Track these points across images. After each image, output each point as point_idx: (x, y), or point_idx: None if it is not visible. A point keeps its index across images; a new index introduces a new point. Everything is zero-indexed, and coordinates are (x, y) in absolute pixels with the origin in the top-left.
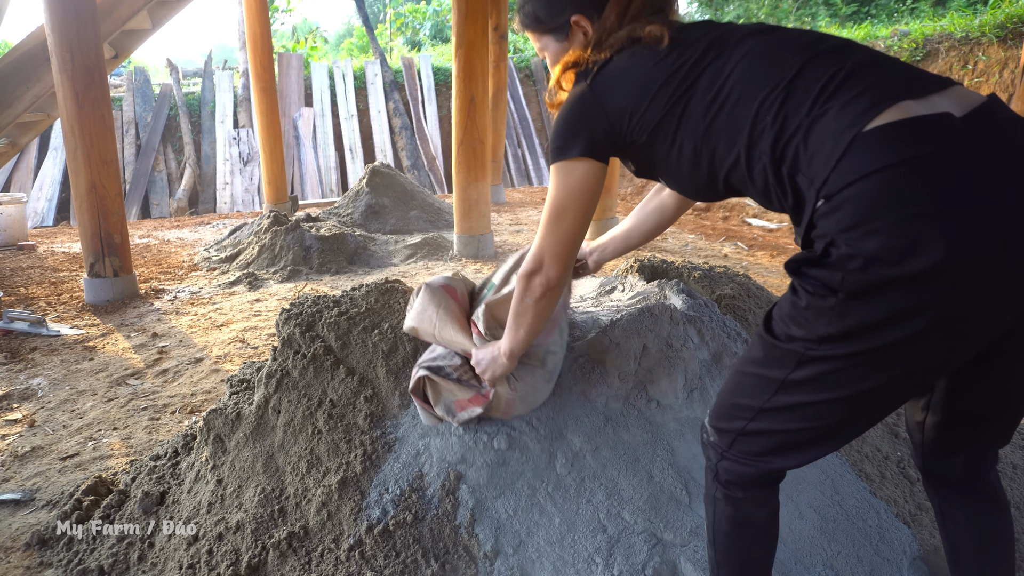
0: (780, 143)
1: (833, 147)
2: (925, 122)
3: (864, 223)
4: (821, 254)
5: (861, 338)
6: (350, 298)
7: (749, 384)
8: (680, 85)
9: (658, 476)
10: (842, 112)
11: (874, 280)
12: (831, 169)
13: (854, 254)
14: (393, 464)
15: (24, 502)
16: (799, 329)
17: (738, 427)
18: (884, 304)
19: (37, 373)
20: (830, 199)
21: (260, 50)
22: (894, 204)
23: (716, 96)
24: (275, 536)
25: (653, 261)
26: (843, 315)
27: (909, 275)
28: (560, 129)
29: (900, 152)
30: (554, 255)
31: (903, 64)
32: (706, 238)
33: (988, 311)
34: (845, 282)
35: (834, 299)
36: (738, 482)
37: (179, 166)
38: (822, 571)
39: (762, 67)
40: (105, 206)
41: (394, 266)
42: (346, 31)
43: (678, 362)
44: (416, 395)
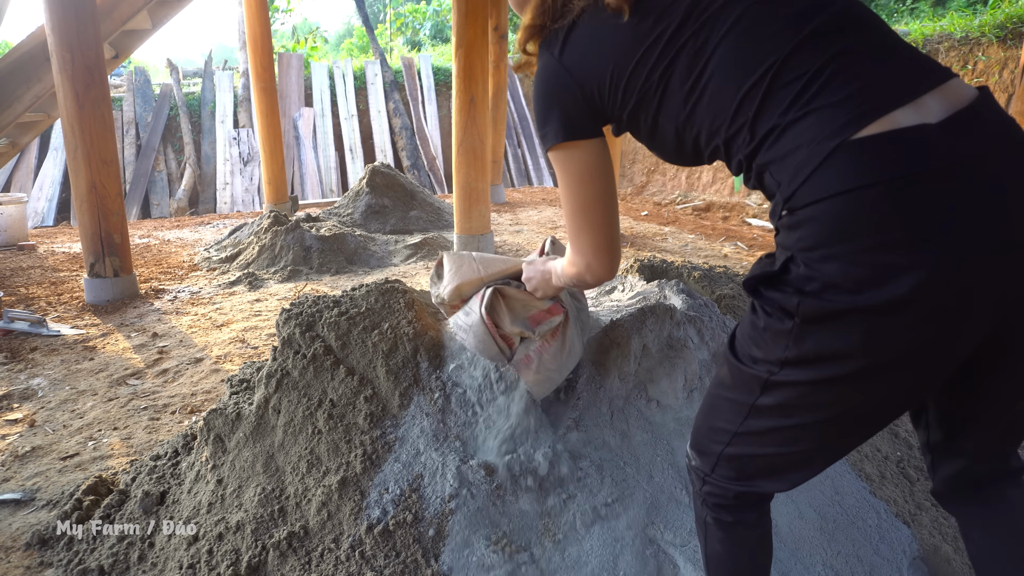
0: (755, 139)
1: (805, 159)
2: (895, 139)
3: (824, 246)
4: (780, 269)
5: (821, 365)
6: (350, 298)
7: (722, 407)
8: (657, 64)
9: (658, 476)
10: (821, 119)
11: (830, 307)
12: (799, 183)
13: (812, 276)
14: (393, 464)
15: (24, 502)
16: (759, 351)
17: (717, 451)
18: (842, 332)
19: (37, 373)
20: (793, 213)
21: (260, 50)
22: (857, 230)
23: (697, 81)
24: (275, 536)
25: (653, 261)
26: (800, 340)
27: (868, 306)
28: (539, 111)
29: (868, 174)
30: (596, 249)
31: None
32: (706, 238)
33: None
34: (801, 307)
35: (791, 323)
36: (725, 505)
37: (179, 166)
38: (822, 571)
39: (747, 48)
40: (105, 206)
41: (394, 266)
42: (346, 31)
43: (678, 362)
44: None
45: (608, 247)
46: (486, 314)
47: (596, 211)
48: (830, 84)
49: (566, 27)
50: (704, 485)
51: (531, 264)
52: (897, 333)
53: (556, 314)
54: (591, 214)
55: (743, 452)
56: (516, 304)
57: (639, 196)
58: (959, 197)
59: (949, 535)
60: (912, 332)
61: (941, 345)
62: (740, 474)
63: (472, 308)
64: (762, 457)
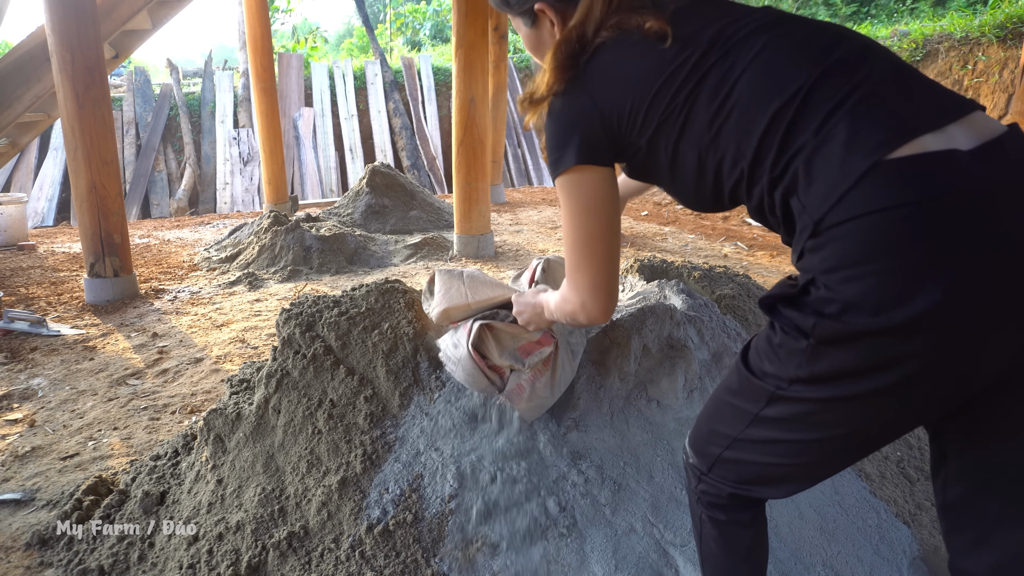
0: (782, 161)
1: (837, 180)
2: (928, 162)
3: (847, 267)
4: (800, 291)
5: (832, 384)
6: (350, 298)
7: (726, 412)
8: (683, 87)
9: (658, 476)
10: (853, 141)
11: (847, 329)
12: (832, 204)
13: (832, 298)
14: (393, 464)
15: (24, 502)
16: (771, 366)
17: (715, 453)
18: (856, 354)
19: (37, 373)
20: (818, 235)
21: (260, 50)
22: (880, 251)
23: (724, 103)
24: (275, 536)
25: (653, 261)
26: (814, 360)
27: (884, 327)
28: (552, 134)
29: (895, 196)
30: (593, 287)
31: (923, 80)
32: (706, 238)
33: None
34: (817, 328)
35: (806, 342)
36: (720, 505)
37: (179, 166)
38: (822, 571)
39: (775, 73)
40: (105, 206)
41: (394, 266)
42: (346, 31)
43: (678, 362)
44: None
45: (606, 287)
46: (473, 350)
47: (599, 245)
48: (859, 108)
49: (589, 53)
50: (699, 483)
51: (522, 297)
52: (909, 355)
53: (546, 344)
54: (594, 247)
55: (741, 458)
56: (505, 336)
57: (639, 196)
58: (987, 223)
59: None
60: (924, 354)
61: (952, 369)
62: (737, 478)
63: (460, 341)
64: (759, 465)
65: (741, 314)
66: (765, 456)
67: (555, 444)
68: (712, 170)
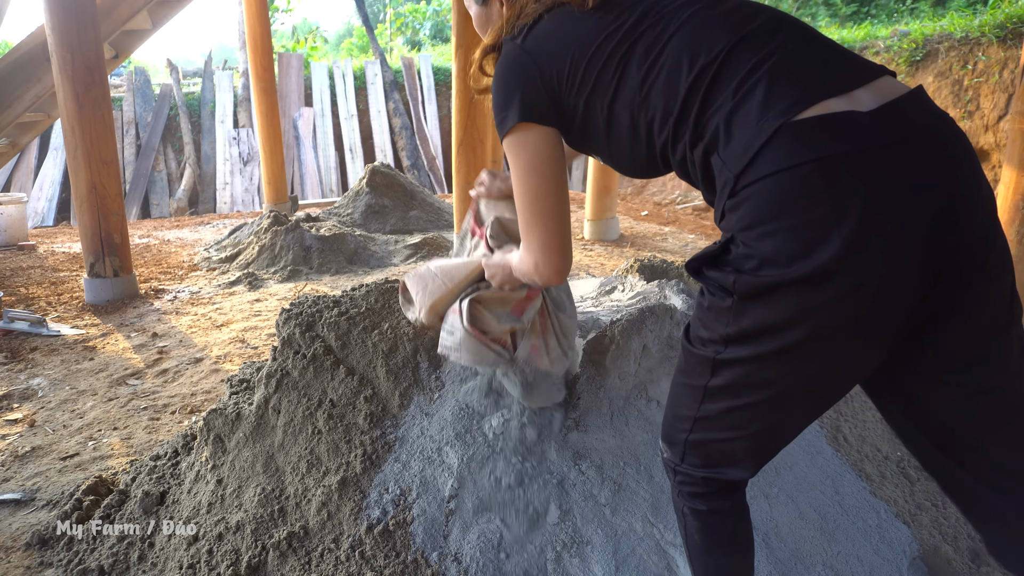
0: (703, 118)
1: (751, 138)
2: (830, 122)
3: (761, 223)
4: (720, 250)
5: (760, 340)
6: (350, 298)
7: (681, 394)
8: (616, 50)
9: (658, 476)
10: (767, 101)
11: (765, 282)
12: (745, 164)
13: (750, 254)
14: (393, 464)
15: (24, 502)
16: (706, 331)
17: (682, 439)
18: (776, 305)
19: (37, 373)
20: (735, 195)
21: (260, 50)
22: (791, 207)
23: (654, 65)
24: (275, 536)
25: (653, 261)
26: (739, 316)
27: (797, 278)
28: (497, 96)
29: (802, 154)
30: (544, 247)
31: (836, 49)
32: (706, 238)
33: (886, 311)
34: (738, 284)
35: (730, 300)
36: (698, 494)
37: (179, 166)
38: (822, 571)
39: (700, 38)
40: (105, 206)
41: (394, 266)
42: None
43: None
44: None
45: (557, 246)
46: (470, 326)
47: (546, 203)
48: (774, 71)
49: (529, 23)
50: (676, 475)
51: (491, 261)
52: (826, 302)
53: (535, 297)
54: (541, 207)
55: (704, 438)
56: (495, 303)
57: (639, 196)
58: (883, 176)
59: (949, 535)
60: (841, 301)
61: (871, 314)
62: (705, 461)
63: (454, 326)
64: (722, 442)
65: None
66: (723, 431)
67: (555, 444)
68: (644, 130)
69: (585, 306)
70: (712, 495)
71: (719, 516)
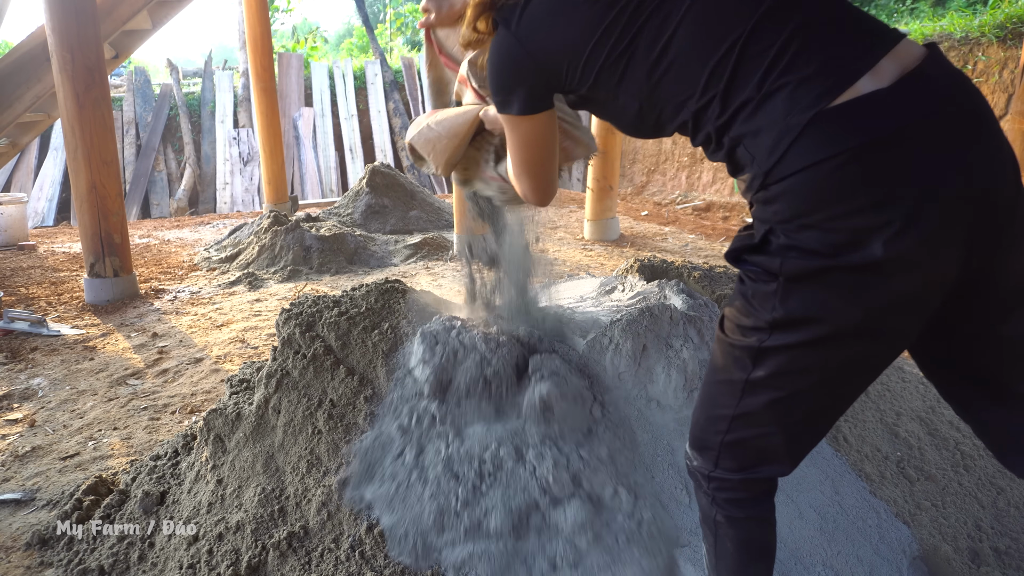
0: (727, 112)
1: (781, 133)
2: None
3: (801, 216)
4: (760, 241)
5: (808, 325)
6: (350, 298)
7: (717, 393)
8: (620, 39)
9: (658, 476)
10: (795, 93)
11: (813, 266)
12: (777, 158)
13: (793, 245)
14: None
15: (24, 502)
16: (748, 319)
17: (717, 442)
18: (824, 289)
19: (37, 373)
20: (768, 188)
21: (260, 50)
22: (830, 198)
23: (662, 55)
24: (275, 536)
25: (653, 261)
26: (786, 299)
27: (847, 265)
28: (495, 82)
29: (834, 145)
30: (532, 189)
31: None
32: (706, 238)
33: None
34: (784, 266)
35: (775, 283)
36: (736, 500)
37: (179, 166)
38: (822, 571)
39: (711, 25)
40: (105, 206)
41: (394, 266)
42: (346, 31)
43: (678, 362)
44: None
45: (544, 190)
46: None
47: (536, 167)
48: (799, 57)
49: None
50: (709, 483)
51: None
52: (877, 287)
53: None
54: (532, 168)
55: (742, 437)
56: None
57: (639, 196)
58: (913, 157)
59: (949, 535)
60: (891, 284)
61: (917, 294)
62: (741, 463)
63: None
64: (761, 438)
65: None
66: (763, 426)
67: (554, 445)
68: (654, 117)
69: (585, 306)
70: (750, 501)
71: (756, 523)
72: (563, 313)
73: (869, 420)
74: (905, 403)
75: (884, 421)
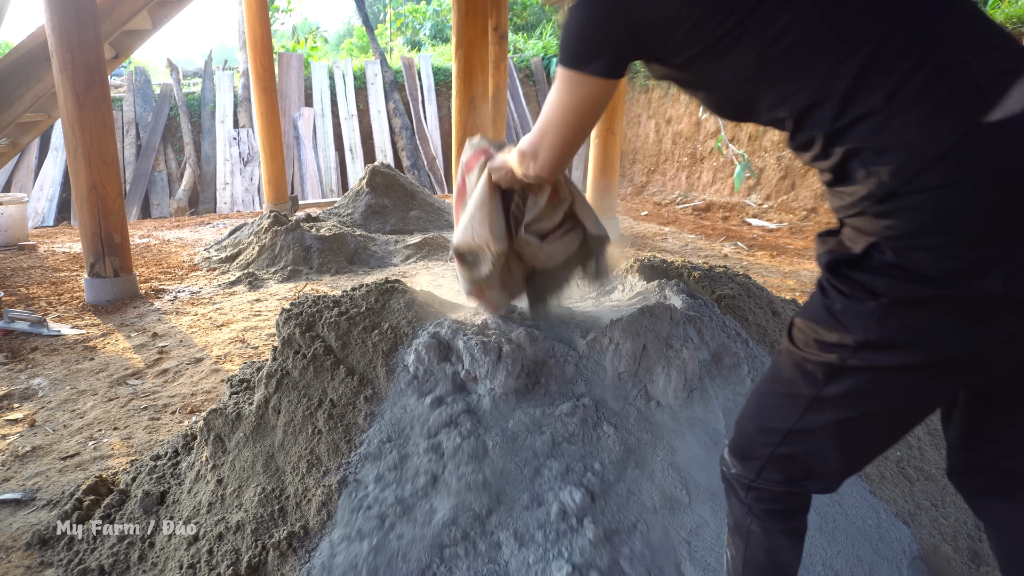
0: (844, 118)
1: (913, 155)
2: (999, 131)
3: (917, 236)
4: (862, 254)
5: (901, 350)
6: (350, 298)
7: (775, 405)
8: (733, 12)
9: (658, 476)
10: (931, 117)
11: (921, 293)
12: (905, 178)
13: (901, 264)
14: None
15: (25, 502)
16: (831, 334)
17: (766, 453)
18: (929, 317)
19: (38, 373)
20: (886, 201)
21: (260, 50)
22: (953, 223)
23: (776, 40)
24: (275, 536)
25: (653, 261)
26: (884, 320)
27: (959, 296)
28: (572, 35)
29: (965, 171)
30: (549, 158)
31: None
32: (706, 238)
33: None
34: (891, 289)
35: (874, 303)
36: (776, 512)
37: (179, 166)
38: (822, 571)
39: (837, 22)
40: (105, 206)
41: (394, 266)
42: (346, 31)
43: (678, 362)
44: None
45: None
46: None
47: (572, 132)
48: (939, 76)
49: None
50: (748, 492)
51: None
52: (985, 324)
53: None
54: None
55: (795, 451)
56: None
57: (639, 196)
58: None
59: (949, 535)
60: (1001, 321)
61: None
62: (788, 476)
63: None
64: (814, 455)
65: (741, 314)
66: (822, 444)
67: (554, 445)
68: (750, 101)
69: (585, 306)
70: (789, 513)
71: (789, 535)
72: (563, 313)
73: None
74: None
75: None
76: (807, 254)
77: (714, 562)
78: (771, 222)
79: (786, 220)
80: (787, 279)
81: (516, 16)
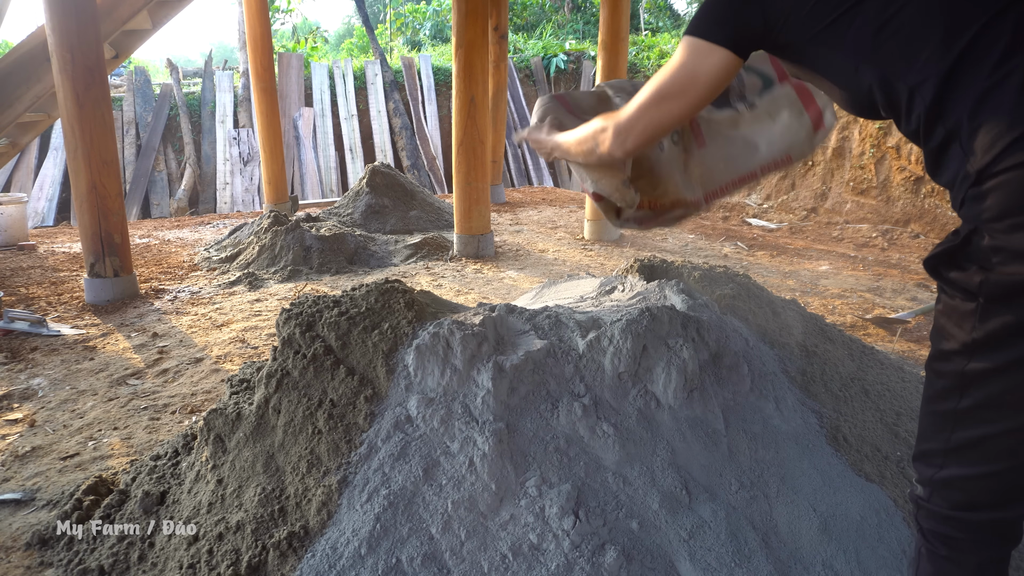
0: (948, 96)
1: (1006, 127)
2: None
3: (1013, 215)
4: (962, 242)
5: (1012, 344)
6: (350, 298)
7: (929, 425)
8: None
9: (659, 476)
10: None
11: (1016, 281)
12: (996, 153)
13: (998, 247)
14: None
15: (24, 502)
16: (947, 342)
17: (929, 475)
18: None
19: (37, 373)
20: (981, 183)
21: (260, 50)
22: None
23: (891, 19)
24: (275, 536)
25: (653, 261)
26: (985, 319)
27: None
28: (708, 5)
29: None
30: (639, 133)
31: None
32: (706, 238)
33: None
34: (984, 287)
35: (974, 303)
36: (944, 537)
37: (179, 166)
38: (822, 571)
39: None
40: (105, 206)
41: (394, 266)
42: (346, 31)
43: (678, 362)
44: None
45: (649, 139)
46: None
47: (679, 107)
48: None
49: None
50: (919, 511)
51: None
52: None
53: None
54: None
55: (955, 475)
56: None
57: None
58: None
59: None
60: None
61: None
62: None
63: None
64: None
65: (741, 314)
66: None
67: (554, 445)
68: (867, 83)
69: (585, 306)
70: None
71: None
72: (563, 313)
73: (869, 420)
74: (905, 403)
75: (884, 421)
76: (807, 254)
77: (714, 562)
78: (771, 222)
79: (786, 220)
80: (787, 279)
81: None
